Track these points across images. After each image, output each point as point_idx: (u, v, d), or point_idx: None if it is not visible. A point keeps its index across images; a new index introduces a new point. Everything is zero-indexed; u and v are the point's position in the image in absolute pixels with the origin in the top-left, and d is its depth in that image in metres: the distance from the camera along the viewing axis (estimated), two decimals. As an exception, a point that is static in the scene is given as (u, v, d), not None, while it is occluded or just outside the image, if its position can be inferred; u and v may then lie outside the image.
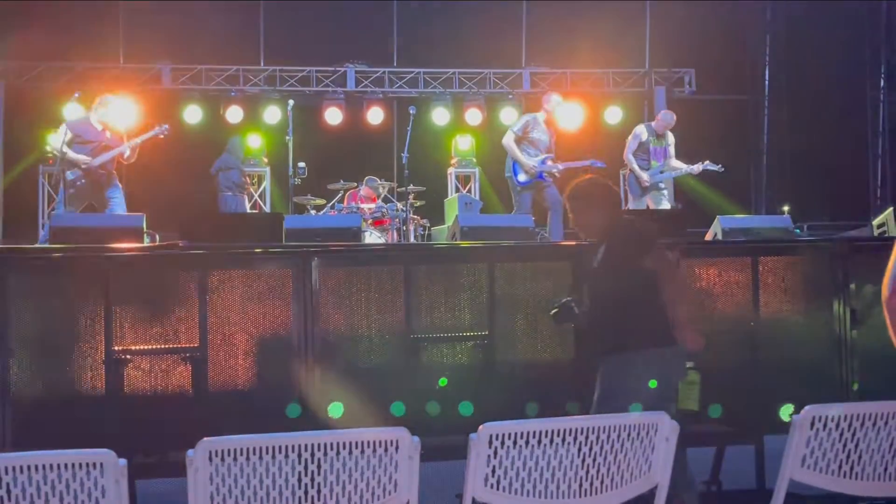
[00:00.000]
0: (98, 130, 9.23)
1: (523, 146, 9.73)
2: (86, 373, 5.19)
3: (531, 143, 9.74)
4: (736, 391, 5.71)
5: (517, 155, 9.64)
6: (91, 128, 9.26)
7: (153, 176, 10.86)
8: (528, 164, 9.61)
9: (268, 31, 14.29)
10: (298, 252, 5.57)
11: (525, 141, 9.74)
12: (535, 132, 9.79)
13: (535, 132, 9.78)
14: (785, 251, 6.15)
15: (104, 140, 9.19)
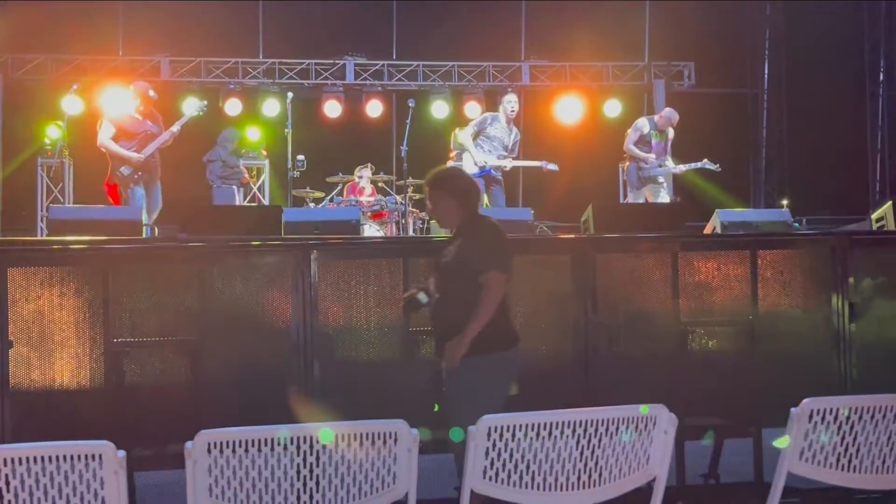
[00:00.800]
0: (140, 121, 9.24)
1: (479, 141, 9.80)
2: (85, 365, 5.19)
3: (487, 138, 9.80)
4: (734, 384, 5.71)
5: (469, 147, 9.72)
6: (134, 120, 9.26)
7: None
8: (478, 158, 9.68)
9: (267, 24, 14.27)
10: (297, 245, 5.58)
11: (482, 135, 9.81)
12: (493, 129, 9.84)
13: (492, 129, 9.84)
14: (784, 245, 6.15)
15: (148, 129, 9.21)
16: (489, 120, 9.89)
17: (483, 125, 9.84)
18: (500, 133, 9.83)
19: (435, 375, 4.82)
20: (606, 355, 5.76)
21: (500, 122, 9.89)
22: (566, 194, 12.13)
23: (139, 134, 9.18)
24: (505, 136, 9.86)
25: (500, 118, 9.92)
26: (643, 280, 5.89)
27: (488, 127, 9.81)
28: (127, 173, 9.14)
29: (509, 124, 9.93)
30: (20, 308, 5.13)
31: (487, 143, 9.79)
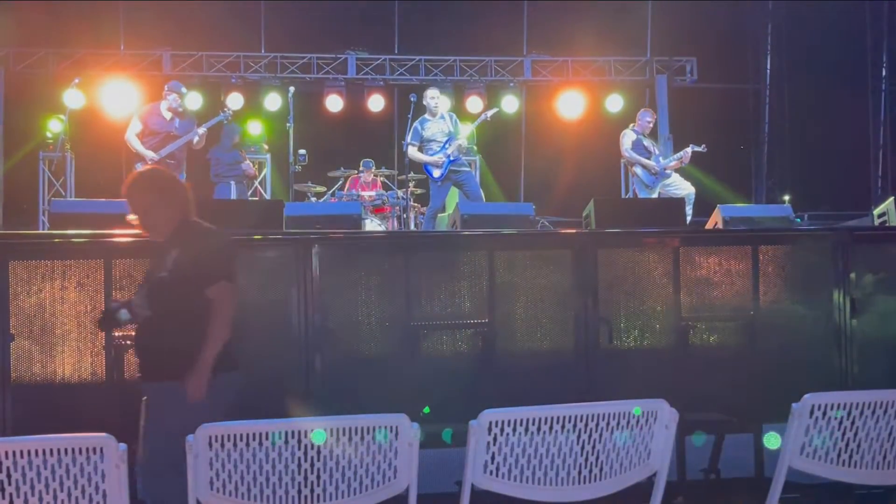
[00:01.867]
0: (166, 120, 9.47)
1: (426, 149, 9.90)
2: (86, 358, 5.20)
3: (430, 141, 9.90)
4: (735, 380, 5.72)
5: (422, 157, 9.89)
6: (160, 118, 9.48)
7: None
8: (434, 159, 9.83)
9: (268, 18, 14.25)
10: (299, 239, 5.58)
11: (424, 142, 9.91)
12: (428, 131, 9.93)
13: (427, 131, 9.93)
14: (785, 240, 6.15)
15: (172, 130, 9.43)
16: (419, 127, 9.99)
17: (417, 134, 9.95)
18: (436, 129, 9.95)
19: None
20: (607, 350, 5.76)
21: (429, 120, 10.02)
22: (568, 189, 12.15)
23: (161, 133, 9.41)
24: (443, 127, 9.97)
25: (427, 117, 10.05)
26: (644, 275, 5.89)
27: (423, 132, 9.94)
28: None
29: (437, 115, 10.03)
30: (21, 302, 5.14)
31: (433, 144, 9.90)
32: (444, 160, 9.77)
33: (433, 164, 9.83)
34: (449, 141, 9.85)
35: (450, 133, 9.91)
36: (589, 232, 6.59)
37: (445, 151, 9.80)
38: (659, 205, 8.72)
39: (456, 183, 9.97)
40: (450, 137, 9.88)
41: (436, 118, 9.98)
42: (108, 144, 13.11)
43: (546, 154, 14.33)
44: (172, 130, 9.46)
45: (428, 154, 9.86)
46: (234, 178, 11.50)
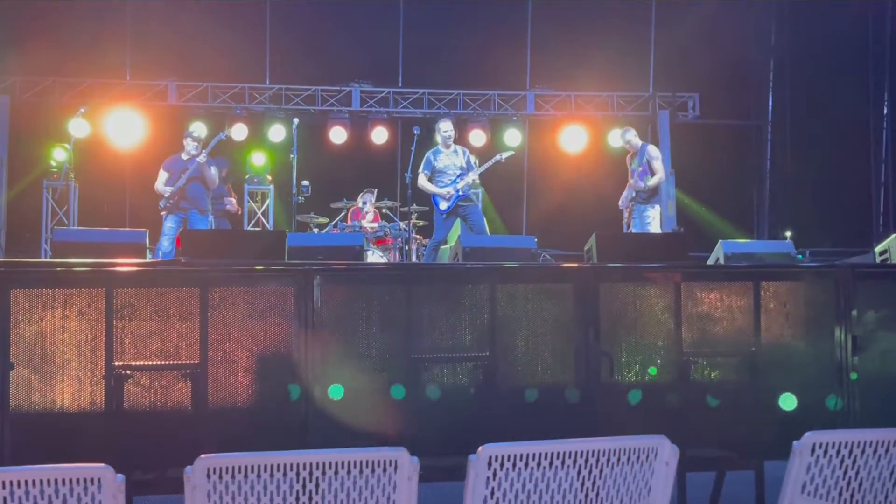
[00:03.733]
0: (183, 161, 10.10)
1: (436, 180, 10.01)
2: (86, 388, 5.18)
3: (441, 172, 10.00)
4: (736, 416, 5.69)
5: (431, 189, 9.99)
6: (178, 162, 10.13)
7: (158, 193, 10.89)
8: (443, 191, 9.92)
9: (274, 50, 14.36)
10: (300, 270, 5.57)
11: (435, 173, 10.01)
12: (439, 162, 10.03)
13: (438, 162, 10.03)
14: (787, 277, 6.14)
15: (186, 166, 10.03)
16: (431, 157, 10.09)
17: (430, 165, 10.05)
18: (447, 161, 10.04)
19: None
20: (608, 385, 5.74)
21: (442, 152, 10.10)
22: (569, 223, 12.16)
23: (177, 173, 10.01)
24: (454, 159, 10.07)
25: (440, 149, 10.13)
26: (646, 310, 5.88)
27: (434, 163, 10.02)
28: (161, 206, 10.00)
29: (450, 148, 10.12)
30: (22, 330, 5.13)
31: (444, 176, 10.00)
32: (454, 193, 9.81)
33: (442, 196, 9.87)
34: (461, 175, 9.88)
35: (461, 168, 9.95)
36: (590, 266, 6.59)
37: (456, 185, 9.83)
38: (661, 240, 8.72)
39: (462, 216, 10.00)
40: (462, 172, 9.91)
41: (449, 151, 10.02)
42: (112, 174, 13.22)
43: (548, 188, 14.40)
44: (185, 167, 9.98)
45: (438, 186, 9.87)
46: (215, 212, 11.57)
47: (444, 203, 9.88)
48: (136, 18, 13.82)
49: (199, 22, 13.14)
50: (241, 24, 13.75)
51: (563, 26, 14.20)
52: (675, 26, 14.49)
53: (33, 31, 13.03)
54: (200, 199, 9.99)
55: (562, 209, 13.92)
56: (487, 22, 14.22)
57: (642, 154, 10.63)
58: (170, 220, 9.88)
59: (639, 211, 10.47)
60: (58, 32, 13.01)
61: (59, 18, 12.97)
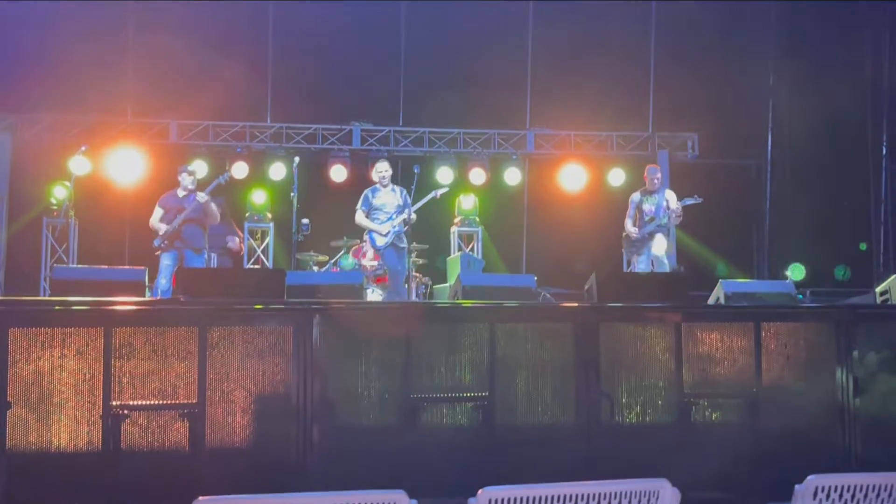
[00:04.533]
0: (179, 198, 10.07)
1: (373, 216, 10.24)
2: (83, 428, 5.14)
3: (379, 210, 10.24)
4: (738, 458, 5.65)
5: (369, 225, 10.24)
6: (174, 198, 10.12)
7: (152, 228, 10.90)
8: (380, 229, 10.14)
9: (275, 89, 14.44)
10: (300, 309, 5.56)
11: (372, 210, 10.25)
12: (378, 200, 10.25)
13: (377, 200, 10.25)
14: (788, 317, 6.13)
15: (184, 205, 9.99)
16: (369, 195, 10.32)
17: (367, 202, 10.28)
18: (384, 199, 10.26)
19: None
20: (609, 426, 5.71)
21: (380, 189, 10.33)
22: (569, 262, 12.16)
23: (173, 209, 9.98)
24: (391, 198, 10.27)
25: (377, 187, 10.36)
26: (646, 350, 5.86)
27: (372, 200, 10.25)
28: (156, 244, 9.95)
29: (387, 187, 10.32)
30: (20, 369, 5.11)
31: (381, 214, 10.22)
32: (391, 230, 9.92)
33: (378, 233, 10.11)
34: (398, 212, 9.99)
35: (398, 206, 10.16)
36: (591, 305, 6.58)
37: (393, 222, 9.93)
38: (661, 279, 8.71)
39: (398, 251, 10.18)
40: (398, 209, 10.09)
41: (386, 189, 10.26)
42: (112, 212, 13.23)
43: (548, 226, 14.41)
44: (184, 205, 9.94)
45: (376, 222, 10.14)
46: (217, 250, 11.60)
47: (381, 239, 10.12)
48: (137, 57, 13.91)
49: (201, 61, 13.21)
50: (242, 63, 13.82)
51: (563, 66, 14.28)
52: (674, 66, 14.59)
53: (35, 70, 13.11)
54: (196, 239, 9.97)
55: (561, 248, 13.92)
56: (487, 61, 14.30)
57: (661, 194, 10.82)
58: (166, 257, 9.86)
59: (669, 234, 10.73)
60: (59, 71, 13.08)
61: (61, 57, 13.04)
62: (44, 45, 13.11)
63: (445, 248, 13.63)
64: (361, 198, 10.33)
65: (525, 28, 14.91)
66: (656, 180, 10.99)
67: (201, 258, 10.00)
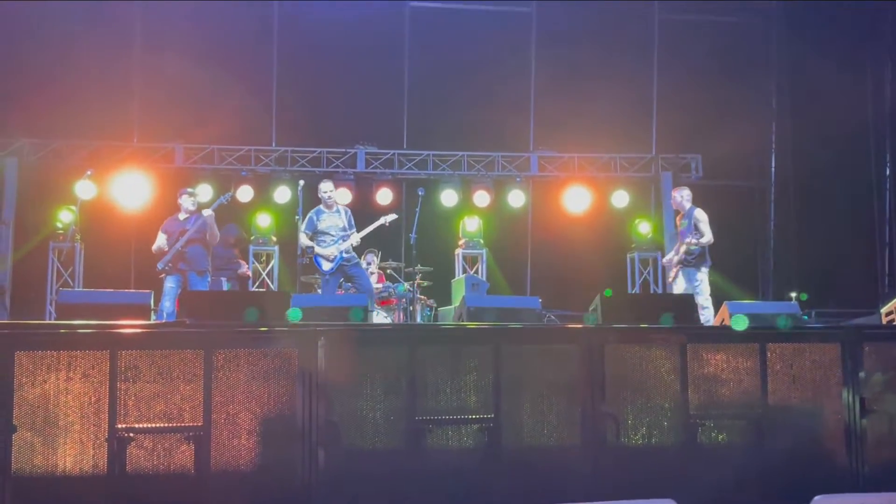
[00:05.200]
0: (181, 221, 10.06)
1: (318, 239, 10.04)
2: (88, 451, 5.15)
3: (324, 233, 10.03)
4: (743, 479, 5.64)
5: (315, 250, 9.99)
6: (176, 221, 10.10)
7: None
8: (325, 252, 9.92)
9: (279, 113, 14.51)
10: (304, 331, 5.57)
11: (318, 233, 10.04)
12: (322, 223, 10.06)
13: (322, 223, 10.06)
14: (793, 338, 6.12)
15: (186, 227, 9.98)
16: (314, 217, 10.12)
17: (312, 225, 10.08)
18: (331, 222, 10.08)
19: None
20: (615, 447, 5.69)
21: (325, 212, 10.13)
22: (574, 283, 12.16)
23: (176, 232, 9.96)
24: (336, 220, 10.10)
25: (322, 209, 10.16)
26: (652, 371, 5.85)
27: (318, 223, 10.06)
28: (159, 267, 9.91)
29: (332, 209, 10.13)
30: (26, 392, 5.12)
31: (327, 237, 10.02)
32: (337, 255, 9.85)
33: (324, 257, 9.93)
34: (344, 237, 9.90)
35: (343, 229, 10.02)
36: (595, 327, 6.57)
37: (339, 246, 9.84)
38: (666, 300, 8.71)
39: (347, 277, 10.08)
40: (344, 233, 9.98)
41: (331, 211, 10.09)
42: (118, 235, 13.28)
43: (552, 248, 14.43)
44: (186, 227, 9.95)
45: (320, 246, 9.95)
46: (227, 274, 11.63)
47: (328, 264, 9.92)
48: (143, 82, 13.99)
49: (206, 85, 13.29)
50: (247, 88, 13.90)
51: (566, 89, 14.33)
52: (677, 88, 14.65)
53: (41, 94, 13.18)
54: (199, 260, 9.94)
55: (566, 269, 13.92)
56: (491, 84, 14.37)
57: (689, 216, 10.39)
58: (170, 280, 9.85)
59: (688, 275, 10.12)
60: (65, 95, 13.16)
61: (67, 82, 13.14)
62: (50, 69, 13.21)
63: (450, 271, 13.64)
64: (306, 220, 10.11)
65: (528, 51, 15.00)
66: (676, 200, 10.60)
67: (204, 280, 9.99)
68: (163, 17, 13.80)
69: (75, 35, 13.23)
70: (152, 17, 13.92)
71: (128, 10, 13.87)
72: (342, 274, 9.98)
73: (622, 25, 14.73)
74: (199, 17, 13.65)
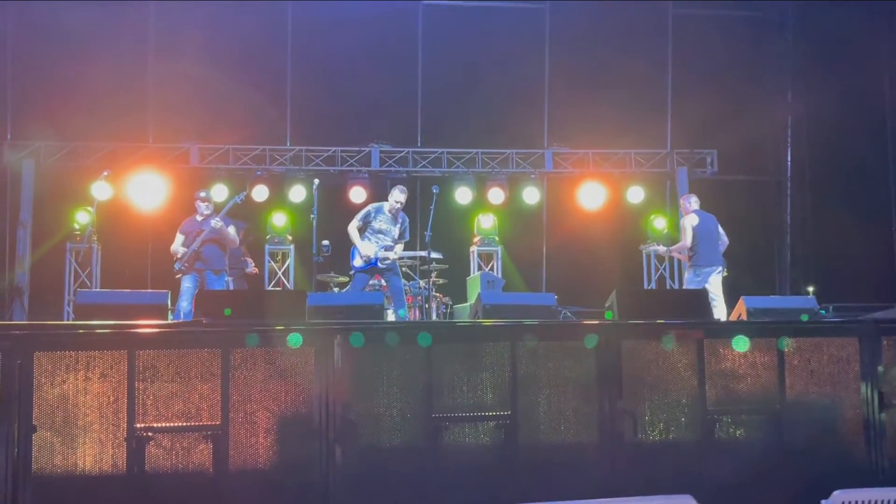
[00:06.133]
0: (198, 222, 10.14)
1: (366, 234, 10.01)
2: (107, 450, 5.18)
3: (373, 231, 10.00)
4: (762, 474, 5.62)
5: (356, 240, 9.98)
6: (193, 223, 10.19)
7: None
8: (364, 251, 9.90)
9: (294, 112, 14.54)
10: (321, 329, 5.58)
11: (368, 228, 10.01)
12: (377, 222, 10.03)
13: (376, 222, 10.02)
14: (810, 332, 6.09)
15: (202, 228, 10.05)
16: (373, 213, 10.07)
17: (367, 219, 10.04)
18: (385, 225, 10.04)
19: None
20: (632, 443, 5.68)
21: (384, 213, 10.08)
22: (590, 280, 12.15)
23: (192, 233, 10.05)
24: (391, 226, 10.06)
25: (384, 209, 10.11)
26: (669, 367, 5.84)
27: (373, 220, 10.02)
28: (176, 268, 10.01)
29: (394, 214, 10.08)
30: (45, 392, 5.15)
31: (374, 236, 10.00)
32: (372, 258, 9.85)
33: (360, 254, 9.91)
34: (389, 247, 9.95)
35: (394, 238, 10.03)
36: (612, 323, 6.56)
37: (378, 253, 9.86)
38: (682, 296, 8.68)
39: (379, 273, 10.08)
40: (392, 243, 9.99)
41: (391, 215, 10.06)
42: (134, 236, 13.35)
43: (568, 244, 14.41)
44: (203, 228, 10.03)
45: (365, 241, 9.96)
46: (235, 273, 11.65)
47: (360, 261, 9.92)
48: (157, 83, 14.05)
49: (221, 85, 13.35)
50: (261, 88, 13.95)
51: (580, 85, 14.32)
52: (692, 83, 14.60)
53: (57, 97, 13.27)
54: (216, 260, 10.03)
55: (581, 266, 13.91)
56: (505, 81, 14.37)
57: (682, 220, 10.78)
58: (187, 280, 9.93)
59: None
60: (81, 98, 13.24)
61: (83, 84, 13.21)
62: (65, 72, 13.28)
63: (465, 268, 13.63)
64: (364, 211, 10.12)
65: (542, 47, 14.98)
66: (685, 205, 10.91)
67: (221, 280, 10.05)
68: (177, 18, 13.85)
69: (90, 37, 13.31)
70: (166, 17, 13.98)
71: (142, 11, 13.93)
72: (371, 274, 10.02)
73: (636, 21, 14.68)
74: (213, 17, 13.71)
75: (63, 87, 13.23)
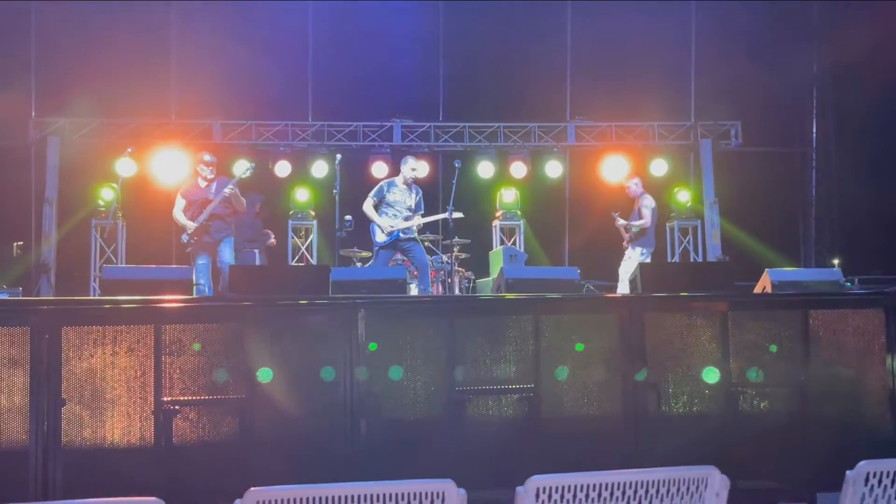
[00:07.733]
0: (202, 188, 9.80)
1: (382, 209, 9.94)
2: (135, 423, 5.24)
3: (389, 205, 9.93)
4: (787, 447, 5.61)
5: (374, 217, 9.92)
6: (196, 188, 9.84)
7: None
8: (384, 224, 9.83)
9: (316, 88, 14.55)
10: (345, 304, 5.61)
11: (383, 203, 9.95)
12: (392, 195, 9.96)
13: (391, 195, 9.95)
14: (835, 305, 6.06)
15: (208, 195, 9.74)
16: (385, 187, 10.02)
17: (381, 194, 9.98)
18: (399, 197, 9.97)
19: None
20: (656, 416, 5.69)
21: (398, 185, 10.03)
22: (613, 253, 12.11)
23: (198, 201, 9.74)
24: (406, 198, 9.99)
25: (397, 182, 10.06)
26: (693, 340, 5.83)
27: (387, 194, 9.96)
28: (185, 241, 9.72)
29: (408, 186, 10.03)
30: (73, 367, 5.21)
31: (391, 209, 9.93)
32: (394, 231, 9.81)
33: (381, 229, 9.87)
34: (407, 217, 9.89)
35: (410, 208, 9.95)
36: (636, 296, 6.56)
37: (398, 223, 9.82)
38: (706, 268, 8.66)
39: (402, 251, 10.02)
40: (409, 212, 9.92)
41: (404, 187, 10.01)
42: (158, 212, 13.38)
43: (590, 218, 14.35)
44: (209, 196, 9.75)
45: (382, 216, 9.90)
46: (258, 246, 11.67)
47: (382, 236, 9.87)
48: (180, 60, 14.10)
49: (242, 61, 13.37)
50: (283, 63, 13.97)
51: (603, 57, 14.23)
52: (716, 54, 14.47)
53: (81, 75, 13.33)
54: (223, 230, 9.76)
55: (604, 239, 13.84)
56: (526, 54, 14.29)
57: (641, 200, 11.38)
58: (201, 257, 9.68)
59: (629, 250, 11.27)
60: (105, 75, 13.29)
61: (106, 61, 13.26)
62: (89, 50, 13.33)
63: (487, 243, 13.63)
64: (376, 188, 10.06)
65: (564, 19, 14.88)
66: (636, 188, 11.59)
67: (229, 243, 9.78)
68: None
69: (114, 15, 13.34)
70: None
71: (164, -12, 13.96)
72: (395, 249, 9.99)
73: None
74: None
75: (87, 64, 13.27)
